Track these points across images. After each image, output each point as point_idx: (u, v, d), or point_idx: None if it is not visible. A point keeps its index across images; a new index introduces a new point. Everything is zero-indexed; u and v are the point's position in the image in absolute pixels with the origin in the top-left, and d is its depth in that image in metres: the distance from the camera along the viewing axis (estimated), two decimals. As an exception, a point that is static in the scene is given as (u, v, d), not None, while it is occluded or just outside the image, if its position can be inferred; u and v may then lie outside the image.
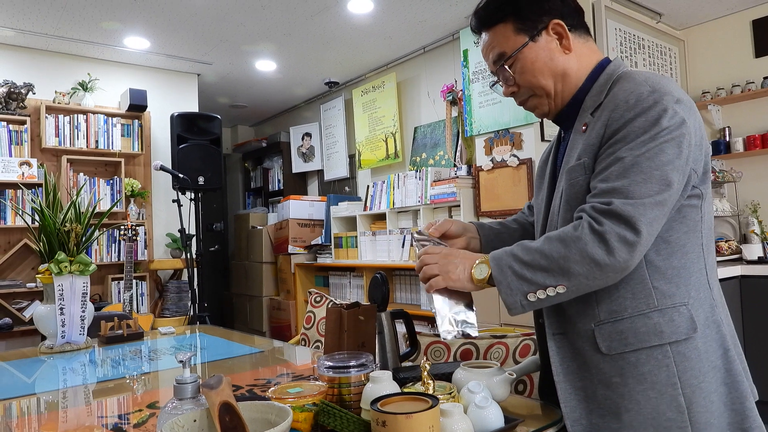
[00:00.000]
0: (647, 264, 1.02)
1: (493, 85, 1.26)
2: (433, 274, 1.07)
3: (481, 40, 1.22)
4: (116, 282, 4.41)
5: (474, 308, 1.10)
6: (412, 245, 1.33)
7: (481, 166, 3.94)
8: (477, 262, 1.05)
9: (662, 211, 0.97)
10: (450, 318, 1.06)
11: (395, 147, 4.95)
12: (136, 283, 4.43)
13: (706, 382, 0.99)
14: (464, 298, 1.09)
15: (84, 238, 2.10)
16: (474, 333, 1.06)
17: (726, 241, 3.70)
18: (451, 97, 4.27)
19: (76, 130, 4.39)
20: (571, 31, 1.13)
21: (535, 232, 1.28)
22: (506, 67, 1.15)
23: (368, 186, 4.77)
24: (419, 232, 1.27)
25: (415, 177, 4.22)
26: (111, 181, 4.50)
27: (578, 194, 1.06)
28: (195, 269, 4.12)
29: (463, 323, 1.06)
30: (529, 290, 0.98)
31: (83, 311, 2.05)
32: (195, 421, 0.87)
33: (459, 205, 3.89)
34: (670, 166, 0.96)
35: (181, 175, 3.96)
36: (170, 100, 4.97)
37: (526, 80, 1.14)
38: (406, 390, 1.03)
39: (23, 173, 4.01)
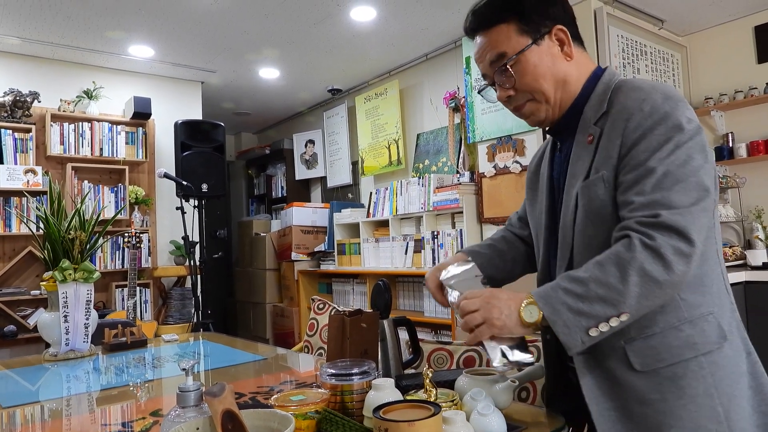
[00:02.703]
0: None
1: (482, 89, 1.20)
2: (476, 323, 0.99)
3: (475, 43, 1.16)
4: (120, 289, 4.42)
5: (529, 349, 1.02)
6: (443, 292, 1.21)
7: (483, 173, 3.94)
8: (524, 303, 0.97)
9: (708, 217, 0.94)
10: (505, 356, 1.00)
11: (398, 154, 4.95)
12: (140, 290, 4.44)
13: (738, 389, 0.98)
14: (515, 338, 1.01)
15: (88, 246, 2.11)
16: (531, 361, 1.02)
17: (730, 247, 3.69)
18: (453, 104, 4.28)
19: (80, 138, 4.42)
20: (571, 39, 1.11)
21: (536, 249, 1.24)
22: (508, 67, 1.09)
23: (371, 193, 4.77)
24: (449, 278, 1.16)
25: (418, 184, 4.22)
26: (115, 189, 4.52)
27: (600, 209, 1.02)
28: (198, 276, 4.12)
29: (519, 363, 1.00)
30: (590, 325, 0.91)
31: (87, 319, 2.05)
32: (198, 429, 0.87)
33: (462, 212, 3.89)
34: (702, 171, 0.94)
35: (184, 183, 3.98)
36: (174, 108, 5.00)
37: (526, 83, 1.10)
38: (408, 397, 1.03)
39: (28, 181, 4.04)
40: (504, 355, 0.99)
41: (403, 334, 1.50)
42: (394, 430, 0.84)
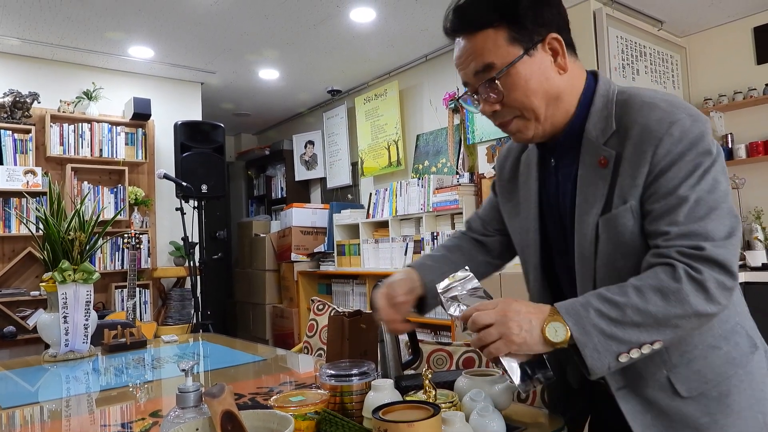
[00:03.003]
0: None
1: (461, 97, 1.07)
2: (492, 340, 0.90)
3: (456, 45, 1.02)
4: (120, 290, 4.42)
5: (549, 366, 0.95)
6: (443, 307, 1.07)
7: (483, 174, 3.94)
8: (548, 319, 0.89)
9: (740, 244, 0.93)
10: (527, 374, 0.93)
11: (398, 155, 4.96)
12: (140, 291, 4.44)
13: (767, 392, 0.99)
14: (534, 355, 0.93)
15: (88, 247, 2.10)
16: (552, 377, 0.96)
17: (729, 248, 3.69)
18: (453, 105, 4.29)
19: (80, 139, 4.42)
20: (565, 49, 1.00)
21: (524, 265, 1.17)
22: (496, 81, 0.97)
23: (371, 194, 4.77)
24: (445, 289, 1.05)
25: (418, 184, 4.22)
26: (115, 190, 4.52)
27: (631, 241, 0.95)
28: (198, 277, 4.12)
29: (541, 380, 0.94)
30: (621, 350, 0.86)
31: (87, 319, 2.05)
32: (197, 430, 0.87)
33: (461, 213, 3.89)
34: (728, 195, 0.92)
35: (184, 183, 3.98)
36: (174, 109, 5.00)
37: (515, 99, 0.98)
38: (407, 398, 1.03)
39: (28, 182, 4.04)
40: (524, 372, 0.92)
41: (403, 335, 1.50)
42: (393, 431, 0.84)
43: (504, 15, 0.96)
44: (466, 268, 1.08)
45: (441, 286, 1.06)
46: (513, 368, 0.91)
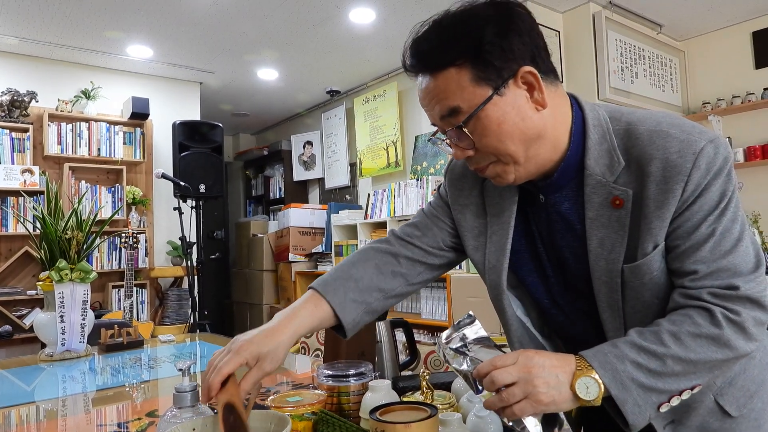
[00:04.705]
0: None
1: (433, 136, 0.94)
2: (516, 400, 0.78)
3: (420, 83, 0.89)
4: (117, 290, 4.41)
5: (567, 424, 0.87)
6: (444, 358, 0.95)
7: (481, 176, 3.94)
8: (577, 374, 0.79)
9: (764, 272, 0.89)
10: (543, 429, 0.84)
11: (396, 155, 4.96)
12: (137, 290, 4.43)
13: None
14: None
15: (85, 246, 2.10)
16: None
17: (727, 251, 3.71)
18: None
19: (78, 138, 4.41)
20: (543, 80, 0.86)
21: (502, 302, 1.02)
22: (463, 129, 0.86)
23: (369, 194, 4.77)
24: (447, 340, 0.92)
25: (416, 185, 4.23)
26: (113, 189, 4.51)
27: (659, 279, 0.89)
28: (195, 277, 4.12)
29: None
30: (661, 401, 0.80)
31: (83, 319, 2.04)
32: (194, 429, 0.87)
33: (460, 214, 3.89)
34: (745, 222, 0.88)
35: (182, 183, 3.97)
36: (172, 109, 4.99)
37: (488, 145, 0.87)
38: (405, 399, 1.03)
39: (25, 181, 4.03)
40: (544, 429, 0.83)
41: (400, 336, 1.50)
42: (390, 432, 0.84)
43: (465, 52, 0.83)
44: (470, 313, 0.95)
45: (444, 336, 0.94)
46: (536, 428, 0.82)
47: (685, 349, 0.80)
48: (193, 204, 4.26)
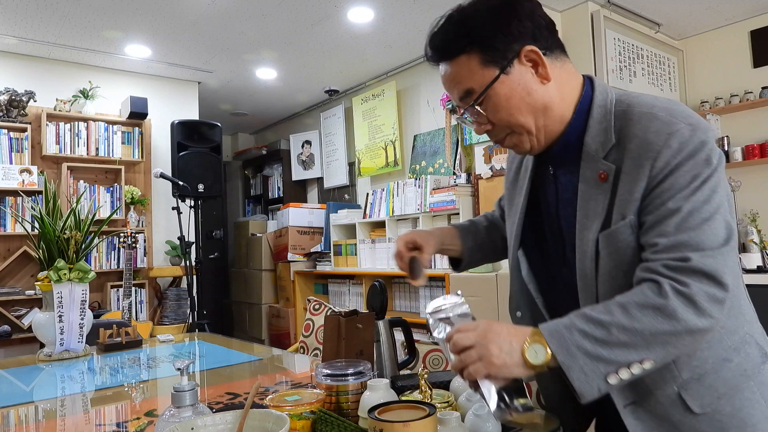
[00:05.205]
0: None
1: (459, 116, 1.07)
2: (471, 361, 0.86)
3: (441, 71, 1.03)
4: (115, 289, 4.41)
5: (528, 394, 0.92)
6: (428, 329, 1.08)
7: (480, 174, 3.95)
8: (528, 341, 0.86)
9: (735, 255, 0.89)
10: (503, 401, 0.89)
11: (395, 155, 4.96)
12: (135, 290, 4.43)
13: None
14: (514, 380, 0.90)
15: (83, 246, 2.10)
16: (531, 406, 0.92)
17: (725, 250, 3.70)
18: (450, 106, 4.29)
19: (76, 138, 4.41)
20: (546, 56, 0.96)
21: (511, 261, 1.15)
22: (476, 107, 0.98)
23: (368, 194, 4.77)
24: (434, 311, 1.02)
25: (415, 185, 4.23)
26: (111, 189, 4.50)
27: (633, 257, 0.93)
28: (194, 277, 4.11)
29: (518, 409, 0.89)
30: (609, 371, 0.83)
31: (82, 319, 2.04)
32: (192, 429, 0.87)
33: (458, 213, 3.90)
34: (725, 205, 0.88)
35: (181, 183, 3.97)
36: (171, 108, 4.99)
37: (501, 119, 0.98)
38: (403, 398, 1.03)
39: (23, 180, 4.02)
40: (502, 399, 0.88)
41: (399, 335, 1.50)
42: (389, 431, 0.84)
43: (472, 40, 0.96)
44: (459, 292, 1.05)
45: (430, 308, 1.03)
46: (490, 393, 0.87)
47: (630, 318, 0.83)
48: (192, 204, 4.26)
